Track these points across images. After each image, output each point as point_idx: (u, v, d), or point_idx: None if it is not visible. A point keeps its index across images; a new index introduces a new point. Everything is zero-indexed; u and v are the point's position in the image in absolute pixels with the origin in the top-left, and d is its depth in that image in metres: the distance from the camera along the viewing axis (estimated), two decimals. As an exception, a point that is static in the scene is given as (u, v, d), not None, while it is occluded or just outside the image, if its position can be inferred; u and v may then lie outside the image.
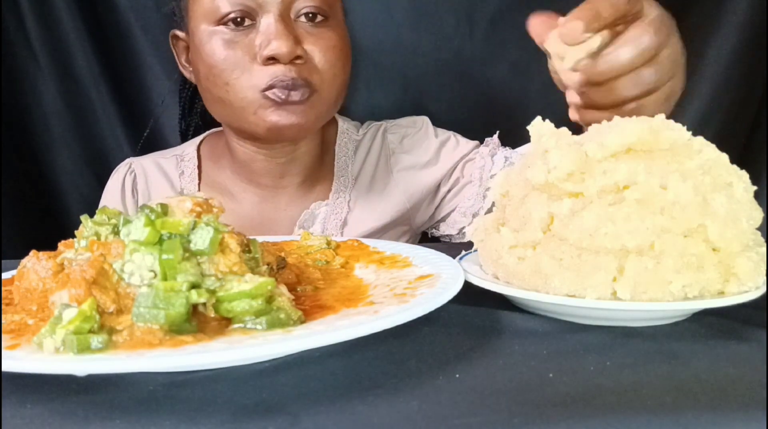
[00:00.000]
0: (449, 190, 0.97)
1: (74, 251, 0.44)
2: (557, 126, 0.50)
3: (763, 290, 0.45)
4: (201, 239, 0.43)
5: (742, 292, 0.43)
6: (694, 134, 0.46)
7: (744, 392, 0.34)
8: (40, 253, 0.45)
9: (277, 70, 0.77)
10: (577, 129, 0.54)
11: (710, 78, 1.16)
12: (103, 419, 0.33)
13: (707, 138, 0.47)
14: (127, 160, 1.02)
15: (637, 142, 0.44)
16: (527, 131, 0.51)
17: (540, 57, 0.58)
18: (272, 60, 0.77)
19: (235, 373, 0.37)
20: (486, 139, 0.98)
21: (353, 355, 0.39)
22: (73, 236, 0.47)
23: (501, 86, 1.22)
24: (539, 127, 0.50)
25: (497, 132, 0.97)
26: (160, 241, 0.42)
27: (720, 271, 0.43)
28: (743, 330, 0.43)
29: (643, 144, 0.44)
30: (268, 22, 0.78)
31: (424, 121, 1.01)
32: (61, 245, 0.47)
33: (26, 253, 0.46)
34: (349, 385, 0.36)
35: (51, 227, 1.20)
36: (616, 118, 0.47)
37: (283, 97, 0.78)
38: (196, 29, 0.82)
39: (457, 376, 0.36)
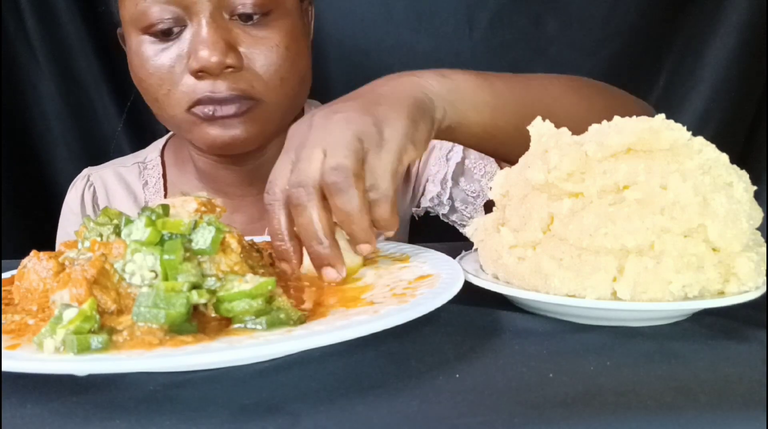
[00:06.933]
0: (419, 162, 0.89)
1: (76, 251, 0.45)
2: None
3: (763, 290, 0.45)
4: (203, 239, 0.43)
5: (742, 292, 0.43)
6: (694, 134, 0.46)
7: (744, 392, 0.34)
8: (41, 253, 0.45)
9: (206, 86, 0.69)
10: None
11: (710, 78, 1.15)
12: (103, 419, 0.33)
13: (707, 138, 0.47)
14: (85, 172, 0.95)
15: (637, 142, 0.44)
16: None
17: (539, 57, 0.58)
18: (202, 72, 0.69)
19: (235, 373, 0.37)
20: None
21: (353, 355, 0.39)
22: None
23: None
24: (539, 127, 0.50)
25: None
26: (162, 241, 0.42)
27: (720, 271, 0.43)
28: (743, 330, 0.43)
29: (643, 144, 0.44)
30: (196, 27, 0.69)
31: None
32: (61, 245, 0.47)
33: (26, 253, 0.46)
34: (349, 385, 0.36)
35: (51, 227, 1.20)
36: (617, 118, 0.47)
37: (210, 112, 0.70)
38: (128, 36, 0.74)
39: (457, 376, 0.36)
